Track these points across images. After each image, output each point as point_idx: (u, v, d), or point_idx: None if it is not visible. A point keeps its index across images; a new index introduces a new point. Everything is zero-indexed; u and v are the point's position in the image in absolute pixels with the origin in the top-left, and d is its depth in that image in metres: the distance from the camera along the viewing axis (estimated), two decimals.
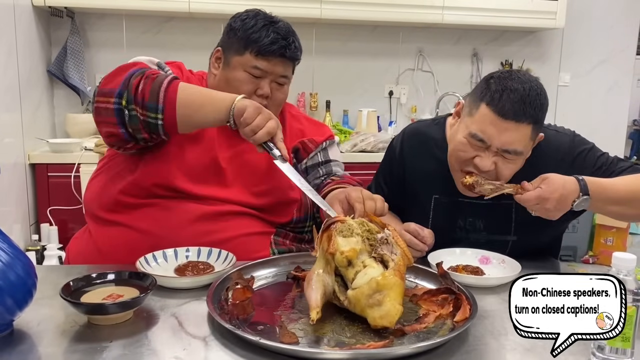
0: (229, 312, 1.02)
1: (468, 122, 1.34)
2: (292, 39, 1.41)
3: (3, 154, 2.54)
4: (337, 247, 1.02)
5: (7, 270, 0.92)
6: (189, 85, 1.27)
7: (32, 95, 2.93)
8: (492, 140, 1.29)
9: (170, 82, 1.23)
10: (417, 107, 3.72)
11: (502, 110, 1.27)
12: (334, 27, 3.53)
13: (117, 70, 1.27)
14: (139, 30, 3.35)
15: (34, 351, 0.92)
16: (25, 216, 2.76)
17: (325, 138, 1.59)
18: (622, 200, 1.31)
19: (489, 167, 1.31)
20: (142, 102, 1.21)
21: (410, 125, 1.64)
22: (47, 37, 3.18)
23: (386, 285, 0.98)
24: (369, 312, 0.98)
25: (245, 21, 1.41)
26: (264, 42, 1.37)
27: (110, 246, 1.34)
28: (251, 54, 1.38)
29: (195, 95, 1.26)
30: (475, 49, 3.76)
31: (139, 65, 1.29)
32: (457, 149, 1.37)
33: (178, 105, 1.22)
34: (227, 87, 1.40)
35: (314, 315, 0.95)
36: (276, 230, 1.44)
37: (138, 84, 1.21)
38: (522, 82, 1.29)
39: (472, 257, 1.38)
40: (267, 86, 1.40)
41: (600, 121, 3.83)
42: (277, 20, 1.42)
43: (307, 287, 1.02)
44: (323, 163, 1.57)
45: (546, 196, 1.23)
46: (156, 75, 1.24)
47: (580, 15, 3.75)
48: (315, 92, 3.58)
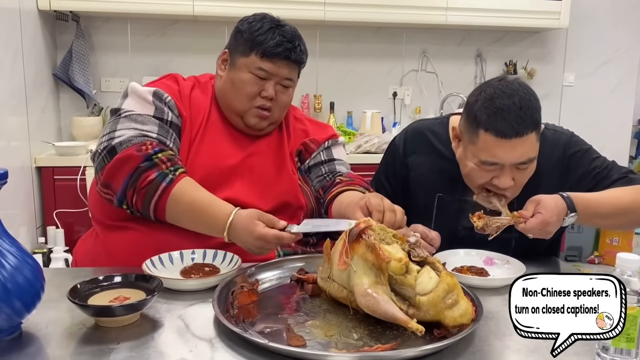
0: (235, 315, 1.02)
1: (474, 151, 1.32)
2: (297, 42, 1.42)
3: (10, 158, 2.56)
4: (391, 256, 1.00)
5: (16, 274, 0.93)
6: (178, 201, 1.26)
7: (38, 99, 2.95)
8: (505, 159, 1.29)
9: (158, 202, 1.26)
10: (421, 108, 3.72)
11: (504, 132, 1.26)
12: (337, 29, 3.54)
13: (117, 165, 1.27)
14: (144, 34, 3.37)
15: (42, 353, 0.93)
16: (32, 219, 2.78)
17: (327, 137, 1.58)
18: (607, 215, 1.33)
19: (509, 184, 1.32)
20: (139, 211, 1.30)
21: (412, 124, 1.64)
22: (52, 41, 3.20)
23: (456, 284, 1.01)
24: (448, 313, 0.98)
25: (252, 24, 1.42)
26: (269, 44, 1.38)
27: (117, 248, 1.35)
28: (256, 55, 1.39)
29: (186, 214, 1.28)
30: (479, 49, 3.75)
31: (131, 162, 1.26)
32: (472, 175, 1.36)
33: (169, 221, 1.30)
34: (232, 89, 1.41)
35: (419, 327, 0.93)
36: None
37: (132, 196, 1.28)
38: (510, 96, 1.27)
39: (477, 258, 1.39)
40: (272, 88, 1.40)
41: (605, 121, 3.82)
42: (284, 24, 1.43)
43: (374, 304, 0.97)
44: (326, 162, 1.56)
45: (548, 220, 1.25)
46: (146, 189, 1.26)
47: (585, 15, 3.74)
48: (319, 93, 3.59)
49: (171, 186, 1.26)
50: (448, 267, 1.18)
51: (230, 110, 1.44)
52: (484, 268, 1.33)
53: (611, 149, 1.47)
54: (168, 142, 1.34)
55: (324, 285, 1.10)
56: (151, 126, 1.34)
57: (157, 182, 1.26)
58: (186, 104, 1.42)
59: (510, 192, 1.34)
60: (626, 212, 1.34)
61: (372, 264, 1.00)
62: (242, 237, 1.21)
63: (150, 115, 1.35)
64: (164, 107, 1.37)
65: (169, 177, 1.26)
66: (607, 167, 1.44)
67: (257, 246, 1.20)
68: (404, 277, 1.00)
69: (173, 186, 1.26)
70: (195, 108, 1.43)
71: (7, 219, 0.97)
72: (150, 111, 1.36)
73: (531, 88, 1.33)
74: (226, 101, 1.44)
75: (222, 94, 1.45)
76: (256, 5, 3.07)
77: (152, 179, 1.25)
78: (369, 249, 1.00)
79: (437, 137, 1.52)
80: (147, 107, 1.36)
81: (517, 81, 1.33)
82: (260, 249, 1.22)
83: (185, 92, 1.43)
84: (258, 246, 1.20)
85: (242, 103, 1.41)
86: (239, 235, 1.22)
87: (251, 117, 1.43)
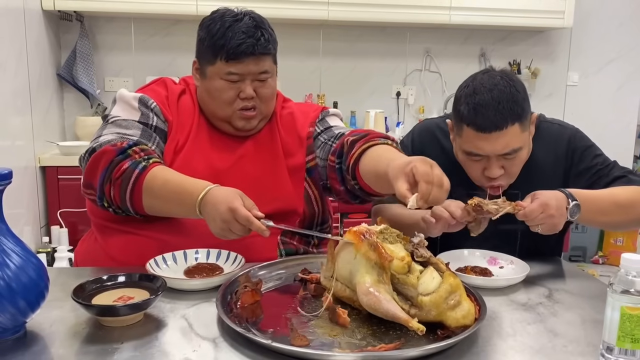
0: (238, 315, 1.02)
1: (460, 143, 1.38)
2: (259, 33, 1.35)
3: (14, 157, 2.57)
4: (394, 255, 0.99)
5: (20, 273, 0.93)
6: (152, 185, 1.24)
7: (42, 99, 2.96)
8: (488, 151, 1.33)
9: (133, 190, 1.24)
10: (424, 108, 3.72)
11: (483, 126, 1.30)
12: (341, 28, 3.53)
13: (94, 161, 1.28)
14: (147, 33, 3.37)
15: (46, 352, 0.93)
16: (36, 218, 2.78)
17: (318, 112, 1.54)
18: (606, 211, 1.34)
19: (499, 172, 1.36)
20: (118, 206, 1.29)
21: (418, 124, 1.67)
22: (56, 41, 3.21)
23: (459, 285, 1.01)
24: (450, 314, 0.98)
25: (210, 27, 1.37)
26: (230, 45, 1.33)
27: (117, 250, 1.35)
28: (222, 60, 1.35)
29: (161, 196, 1.25)
30: (483, 48, 3.74)
31: (106, 156, 1.27)
32: (465, 166, 1.41)
33: (148, 211, 1.28)
34: (210, 98, 1.40)
35: (420, 327, 0.93)
36: (282, 231, 1.43)
37: (110, 190, 1.27)
38: (490, 90, 1.31)
39: (481, 258, 1.38)
40: (249, 87, 1.37)
41: (610, 121, 3.81)
42: (242, 17, 1.37)
43: (376, 302, 0.97)
44: (324, 131, 1.50)
45: (546, 202, 1.24)
46: (120, 179, 1.25)
47: (589, 14, 3.73)
48: (322, 93, 3.59)
49: (144, 172, 1.24)
50: (452, 267, 1.17)
51: (215, 117, 1.43)
52: (487, 268, 1.33)
53: (616, 149, 1.48)
54: (149, 144, 1.34)
55: (327, 284, 1.10)
56: (134, 130, 1.35)
57: (130, 170, 1.24)
58: (173, 109, 1.42)
59: (503, 180, 1.38)
60: (624, 208, 1.35)
61: (375, 262, 0.99)
62: (214, 210, 1.15)
63: (135, 120, 1.37)
64: (150, 113, 1.39)
65: (142, 165, 1.25)
66: (608, 165, 1.46)
67: (224, 220, 1.13)
68: (407, 277, 1.00)
69: (146, 172, 1.24)
70: (183, 113, 1.43)
71: (11, 219, 0.97)
72: (135, 117, 1.38)
73: (517, 78, 1.36)
74: (208, 110, 1.43)
75: (203, 103, 1.45)
76: (259, 4, 3.08)
77: (125, 168, 1.25)
78: (371, 248, 1.00)
79: (444, 133, 1.54)
80: (133, 113, 1.38)
81: (501, 73, 1.36)
82: (226, 224, 1.14)
83: (173, 97, 1.44)
84: (225, 220, 1.13)
85: (223, 110, 1.40)
86: (212, 207, 1.15)
87: (237, 121, 1.41)
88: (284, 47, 3.86)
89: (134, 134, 1.34)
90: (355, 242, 1.03)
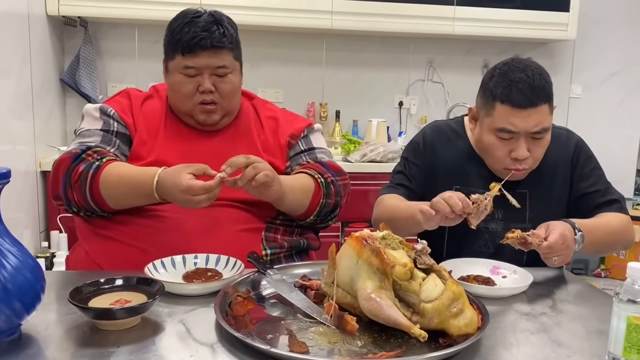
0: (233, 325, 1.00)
1: (489, 122, 1.41)
2: (215, 27, 1.39)
3: (14, 161, 2.56)
4: (396, 261, 0.98)
5: (16, 274, 0.91)
6: (108, 180, 1.30)
7: (45, 103, 2.95)
8: (520, 127, 1.36)
9: (91, 189, 1.30)
10: (427, 118, 3.70)
11: (518, 102, 1.35)
12: (344, 37, 3.54)
13: (54, 172, 1.36)
14: (151, 40, 3.37)
15: (41, 355, 0.91)
16: (36, 223, 2.77)
17: (304, 126, 1.58)
18: (599, 241, 1.40)
19: (526, 154, 1.39)
20: (85, 209, 1.35)
21: (429, 123, 1.68)
22: (60, 46, 3.22)
23: (462, 293, 1.00)
24: (453, 322, 0.97)
25: (171, 24, 1.43)
26: (185, 39, 1.38)
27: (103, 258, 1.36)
28: (179, 54, 1.40)
29: (118, 189, 1.31)
30: (486, 60, 3.75)
31: (63, 164, 1.34)
32: (490, 149, 1.44)
33: (113, 207, 1.34)
34: (172, 93, 1.46)
35: (422, 333, 0.92)
36: (266, 226, 1.44)
37: (73, 195, 1.33)
38: (523, 70, 1.37)
39: (484, 267, 1.36)
40: (207, 81, 1.41)
41: (613, 134, 3.80)
42: (201, 14, 1.42)
43: (377, 308, 0.96)
44: (306, 150, 1.55)
45: (564, 233, 1.27)
46: (78, 182, 1.31)
47: (592, 27, 3.73)
48: (325, 101, 3.58)
49: (99, 171, 1.30)
50: (454, 276, 1.16)
51: (180, 112, 1.48)
52: (490, 277, 1.31)
53: (618, 162, 1.52)
54: (108, 148, 1.40)
55: (328, 291, 1.08)
56: (94, 138, 1.42)
57: (85, 171, 1.31)
58: (137, 113, 1.47)
59: (527, 163, 1.42)
60: (614, 236, 1.45)
61: (377, 268, 0.98)
62: (171, 192, 1.22)
63: (97, 129, 1.44)
64: (110, 120, 1.45)
65: (96, 164, 1.32)
66: (605, 183, 1.53)
67: (185, 200, 1.20)
68: (409, 284, 0.98)
69: (101, 171, 1.30)
70: (149, 114, 1.48)
71: (11, 223, 0.96)
72: (98, 126, 1.44)
73: (544, 68, 1.41)
74: (174, 105, 1.49)
75: (169, 99, 1.50)
76: (262, 13, 3.09)
77: (81, 171, 1.31)
78: (373, 254, 0.98)
79: (456, 133, 1.58)
80: (96, 123, 1.45)
81: (529, 59, 1.43)
82: (189, 202, 1.20)
83: (137, 103, 1.49)
84: (185, 199, 1.20)
85: (183, 104, 1.44)
86: (168, 191, 1.23)
87: (198, 114, 1.45)
88: (287, 56, 3.89)
89: (94, 141, 1.41)
90: (356, 247, 1.01)
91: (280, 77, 3.50)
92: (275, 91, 3.49)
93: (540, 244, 1.24)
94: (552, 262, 1.28)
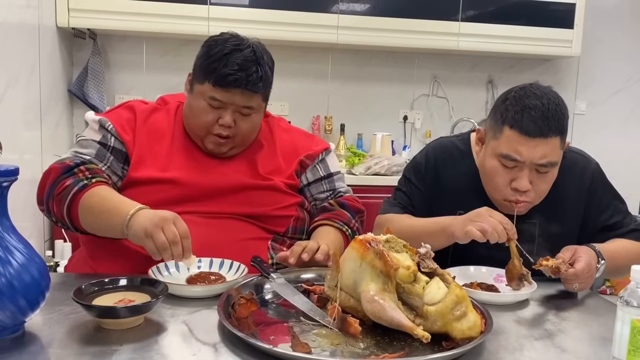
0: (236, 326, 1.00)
1: (495, 145, 1.34)
2: (253, 69, 1.35)
3: (21, 170, 2.56)
4: (400, 263, 0.98)
5: (22, 271, 0.92)
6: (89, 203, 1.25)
7: (52, 114, 2.98)
8: (525, 157, 1.29)
9: (70, 205, 1.27)
10: (431, 132, 3.72)
11: (527, 130, 1.28)
12: (349, 52, 3.57)
13: (42, 179, 1.34)
14: (159, 53, 3.42)
15: (44, 352, 0.92)
16: (40, 232, 2.78)
17: (321, 149, 1.57)
18: (620, 267, 1.35)
19: (528, 186, 1.32)
20: (63, 222, 1.33)
21: (433, 141, 1.62)
22: (69, 58, 3.26)
23: (465, 296, 0.99)
24: (456, 325, 0.96)
25: (210, 47, 1.38)
26: (220, 72, 1.33)
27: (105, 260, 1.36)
28: (210, 83, 1.35)
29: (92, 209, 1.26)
30: (491, 76, 3.77)
31: (53, 174, 1.32)
32: (491, 175, 1.36)
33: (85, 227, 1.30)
34: (191, 114, 1.42)
35: (425, 334, 0.92)
36: (273, 237, 1.44)
37: (53, 206, 1.31)
38: (539, 97, 1.30)
39: (487, 274, 1.36)
40: (229, 116, 1.37)
41: (618, 150, 3.79)
42: (244, 47, 1.37)
43: (380, 310, 0.96)
44: (326, 177, 1.56)
45: (590, 261, 1.26)
46: (61, 195, 1.28)
47: (596, 43, 3.75)
48: (330, 115, 3.61)
49: (84, 191, 1.26)
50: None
51: (191, 132, 1.45)
52: (494, 285, 1.30)
53: (623, 180, 1.48)
54: (100, 165, 1.37)
55: (331, 294, 1.08)
56: (90, 150, 1.39)
57: (70, 187, 1.27)
58: (140, 127, 1.42)
59: (528, 197, 1.34)
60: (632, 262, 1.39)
61: (380, 270, 0.98)
62: (148, 216, 1.15)
63: (96, 140, 1.41)
64: (107, 134, 1.41)
65: (83, 183, 1.28)
66: (624, 212, 1.48)
67: (164, 217, 1.13)
68: (412, 286, 0.98)
69: (85, 191, 1.26)
70: (153, 129, 1.44)
71: None
72: (97, 137, 1.41)
73: (562, 99, 1.34)
74: (187, 124, 1.45)
75: (185, 115, 1.46)
76: (269, 27, 3.12)
77: (66, 185, 1.28)
78: (377, 256, 0.99)
79: (462, 153, 1.51)
80: (96, 134, 1.42)
81: (551, 88, 1.35)
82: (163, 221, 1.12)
83: (141, 117, 1.44)
84: (165, 217, 1.13)
85: (199, 129, 1.41)
86: (143, 217, 1.15)
87: (209, 143, 1.42)
88: (293, 70, 3.92)
89: (89, 153, 1.38)
90: (360, 250, 1.01)
91: (286, 90, 3.53)
92: (281, 104, 3.52)
93: (567, 271, 1.24)
94: (573, 288, 1.27)
